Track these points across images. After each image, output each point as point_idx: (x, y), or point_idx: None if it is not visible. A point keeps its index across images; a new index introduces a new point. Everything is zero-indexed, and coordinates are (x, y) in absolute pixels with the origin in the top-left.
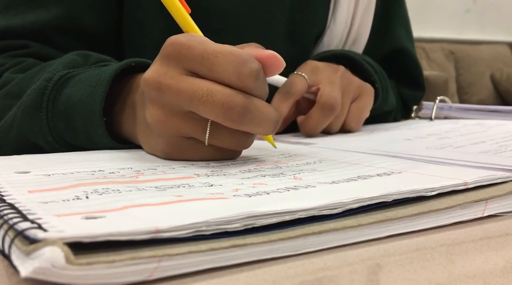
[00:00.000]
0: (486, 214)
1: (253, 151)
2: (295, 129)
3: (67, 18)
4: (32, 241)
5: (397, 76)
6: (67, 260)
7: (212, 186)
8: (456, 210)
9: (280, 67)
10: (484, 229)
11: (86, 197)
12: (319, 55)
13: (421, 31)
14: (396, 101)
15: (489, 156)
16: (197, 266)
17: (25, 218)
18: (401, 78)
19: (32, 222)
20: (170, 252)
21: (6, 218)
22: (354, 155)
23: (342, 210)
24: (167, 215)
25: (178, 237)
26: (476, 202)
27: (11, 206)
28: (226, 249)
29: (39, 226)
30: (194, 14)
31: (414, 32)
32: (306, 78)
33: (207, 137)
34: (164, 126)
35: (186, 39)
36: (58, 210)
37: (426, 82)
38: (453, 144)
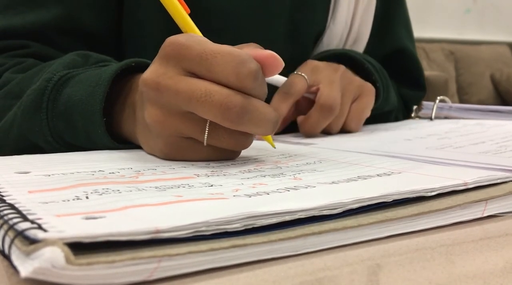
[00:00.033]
0: (486, 214)
1: (253, 152)
2: (295, 129)
3: (67, 18)
4: (32, 241)
5: (398, 76)
6: (67, 260)
7: (212, 186)
8: (456, 210)
9: (279, 67)
10: (484, 229)
11: (86, 197)
12: (320, 55)
13: (421, 31)
14: (397, 100)
15: (489, 157)
16: (197, 266)
17: (25, 218)
18: (402, 78)
19: (32, 222)
20: (170, 252)
21: (6, 218)
22: (354, 155)
23: (342, 210)
24: (167, 215)
25: (178, 237)
26: (476, 202)
27: (11, 206)
28: (226, 249)
29: (39, 226)
30: (194, 14)
31: (414, 32)
32: (306, 78)
33: (206, 137)
34: (162, 126)
35: (185, 39)
36: (58, 210)
37: (426, 82)
38: (453, 144)
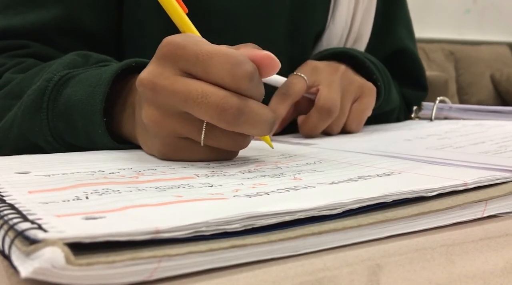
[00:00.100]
0: (486, 215)
1: (253, 152)
2: (295, 129)
3: (67, 18)
4: (32, 241)
5: (399, 76)
6: (67, 261)
7: (212, 186)
8: (456, 211)
9: (275, 68)
10: (484, 229)
11: (86, 197)
12: (320, 54)
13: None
14: (399, 100)
15: (489, 157)
16: (197, 266)
17: (25, 218)
18: (403, 78)
19: (32, 222)
20: (170, 253)
21: (6, 218)
22: (354, 156)
23: (342, 211)
24: (167, 216)
25: (178, 237)
26: (476, 202)
27: (11, 206)
28: (225, 249)
29: (39, 227)
30: (194, 14)
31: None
32: (305, 79)
33: (203, 137)
34: (159, 127)
35: (181, 39)
36: (58, 211)
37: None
38: (453, 145)
